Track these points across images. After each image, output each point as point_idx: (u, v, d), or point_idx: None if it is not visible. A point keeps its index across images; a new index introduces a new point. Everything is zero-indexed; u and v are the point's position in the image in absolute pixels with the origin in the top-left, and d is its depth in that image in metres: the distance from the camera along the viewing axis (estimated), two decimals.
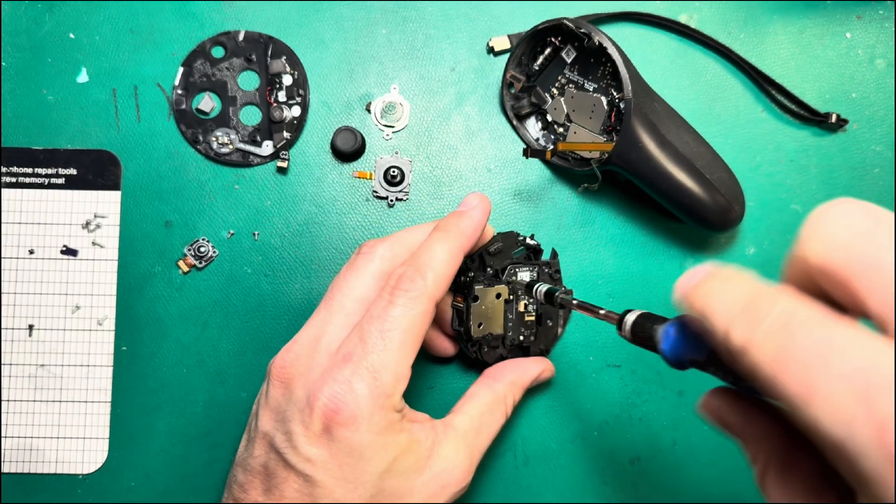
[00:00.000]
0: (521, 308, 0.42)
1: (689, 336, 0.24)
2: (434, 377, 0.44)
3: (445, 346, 0.42)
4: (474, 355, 0.42)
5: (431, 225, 0.38)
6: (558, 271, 0.43)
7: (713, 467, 0.44)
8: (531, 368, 0.41)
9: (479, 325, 0.40)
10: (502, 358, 0.42)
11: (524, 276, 0.42)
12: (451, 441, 0.35)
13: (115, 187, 0.45)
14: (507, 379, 0.40)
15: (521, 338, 0.42)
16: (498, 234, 0.42)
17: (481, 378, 0.40)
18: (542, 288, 0.39)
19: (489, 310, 0.41)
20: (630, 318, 0.29)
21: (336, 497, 0.31)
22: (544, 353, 0.43)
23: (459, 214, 0.37)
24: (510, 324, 0.42)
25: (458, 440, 0.35)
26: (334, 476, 0.31)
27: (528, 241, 0.43)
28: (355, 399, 0.31)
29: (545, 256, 0.44)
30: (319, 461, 0.31)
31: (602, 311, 0.32)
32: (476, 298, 0.40)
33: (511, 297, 0.41)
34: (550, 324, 0.43)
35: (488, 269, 0.41)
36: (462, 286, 0.41)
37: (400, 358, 0.32)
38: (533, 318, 0.42)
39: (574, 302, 0.35)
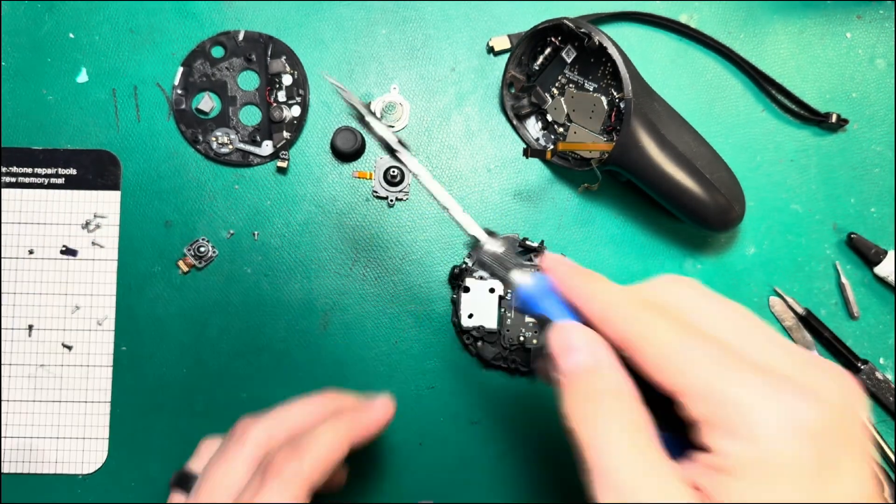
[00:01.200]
0: None
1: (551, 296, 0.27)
2: (434, 377, 0.44)
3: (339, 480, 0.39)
4: (473, 351, 0.43)
5: (319, 402, 0.35)
6: None
7: None
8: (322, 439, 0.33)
9: (470, 315, 0.42)
10: (501, 356, 0.43)
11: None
12: None
13: (115, 187, 0.45)
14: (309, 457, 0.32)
15: (522, 338, 0.42)
16: (500, 236, 0.42)
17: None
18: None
19: (481, 303, 0.42)
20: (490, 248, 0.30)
21: None
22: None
23: (360, 407, 0.34)
24: (508, 321, 0.42)
25: None
26: None
27: (527, 242, 0.44)
28: None
29: None
30: None
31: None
32: (467, 289, 0.42)
33: (509, 294, 0.42)
34: None
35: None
36: (455, 277, 0.43)
37: None
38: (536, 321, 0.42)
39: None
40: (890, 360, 0.45)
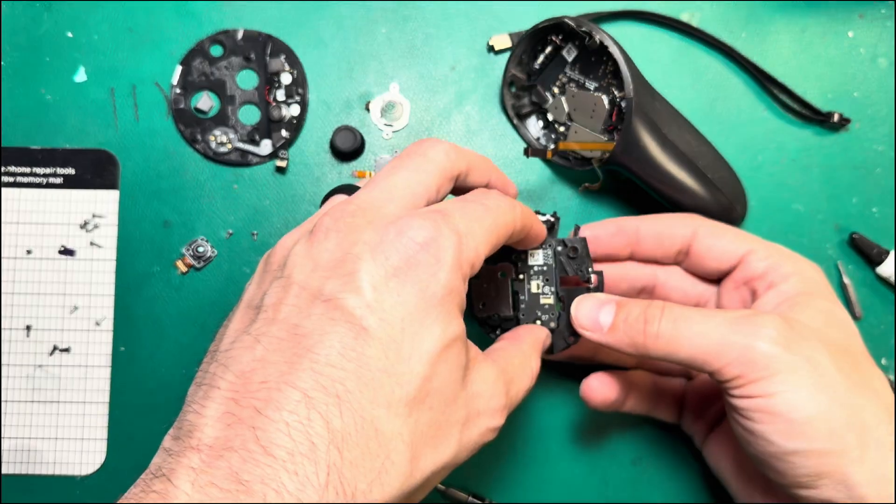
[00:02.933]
0: (535, 289, 0.39)
1: None
2: None
3: None
4: (494, 339, 0.40)
5: (485, 158, 0.34)
6: (576, 249, 0.38)
7: None
8: (540, 332, 0.37)
9: (482, 304, 0.39)
10: None
11: (537, 254, 0.39)
12: (488, 366, 0.29)
13: (114, 187, 0.44)
14: (526, 340, 0.35)
15: (539, 322, 0.39)
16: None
17: (500, 340, 0.35)
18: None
19: (492, 288, 0.39)
20: None
21: (375, 366, 0.24)
22: (573, 336, 0.39)
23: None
24: (523, 305, 0.39)
25: (497, 369, 0.30)
26: (388, 334, 0.24)
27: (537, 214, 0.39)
28: (444, 241, 0.26)
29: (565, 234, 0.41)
30: (379, 307, 0.25)
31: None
32: (477, 276, 0.38)
33: (521, 276, 0.39)
34: None
35: None
36: None
37: (484, 240, 0.28)
38: (550, 301, 0.39)
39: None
40: (892, 360, 0.45)
